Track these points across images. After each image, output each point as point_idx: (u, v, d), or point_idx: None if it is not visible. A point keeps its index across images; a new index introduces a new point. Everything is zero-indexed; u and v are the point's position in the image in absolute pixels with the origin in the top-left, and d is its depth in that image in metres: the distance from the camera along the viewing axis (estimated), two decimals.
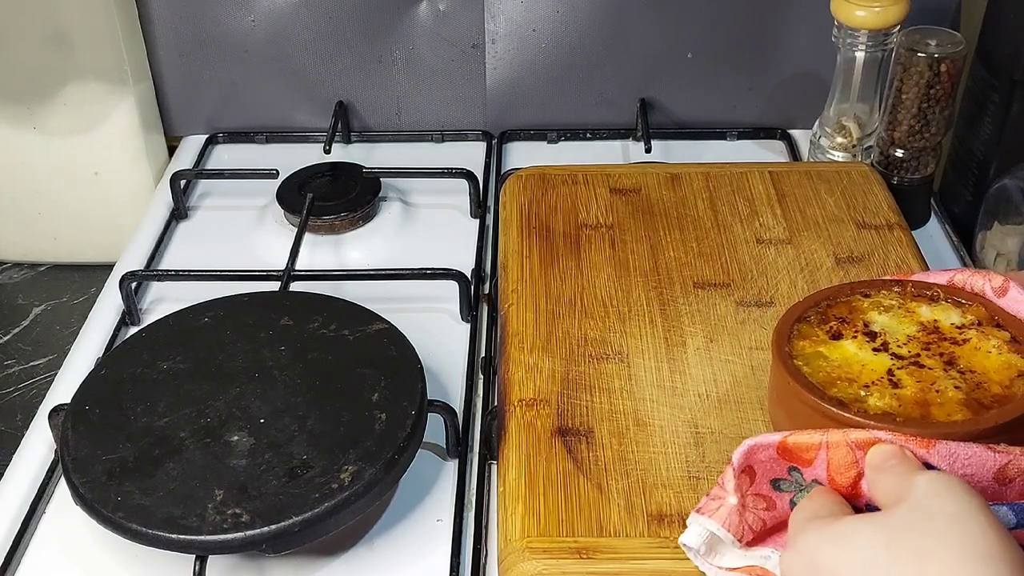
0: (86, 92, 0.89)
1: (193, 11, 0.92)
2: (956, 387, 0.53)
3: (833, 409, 0.52)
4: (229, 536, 0.55)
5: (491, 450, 0.66)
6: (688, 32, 0.93)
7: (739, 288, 0.71)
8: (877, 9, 0.78)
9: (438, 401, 0.64)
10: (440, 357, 0.72)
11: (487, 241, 0.85)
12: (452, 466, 0.65)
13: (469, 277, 0.77)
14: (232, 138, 0.99)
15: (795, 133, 0.96)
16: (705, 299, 0.71)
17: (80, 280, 0.93)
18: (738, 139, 0.97)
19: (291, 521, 0.55)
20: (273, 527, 0.55)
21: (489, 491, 0.64)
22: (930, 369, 0.54)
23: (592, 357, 0.66)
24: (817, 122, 0.88)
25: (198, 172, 0.93)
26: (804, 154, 0.93)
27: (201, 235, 0.88)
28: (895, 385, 0.54)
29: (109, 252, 0.88)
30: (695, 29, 0.92)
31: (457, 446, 0.65)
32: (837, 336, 0.57)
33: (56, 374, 0.75)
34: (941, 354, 0.55)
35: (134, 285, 0.78)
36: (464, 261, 0.80)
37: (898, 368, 0.55)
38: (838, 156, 0.86)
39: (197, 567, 0.55)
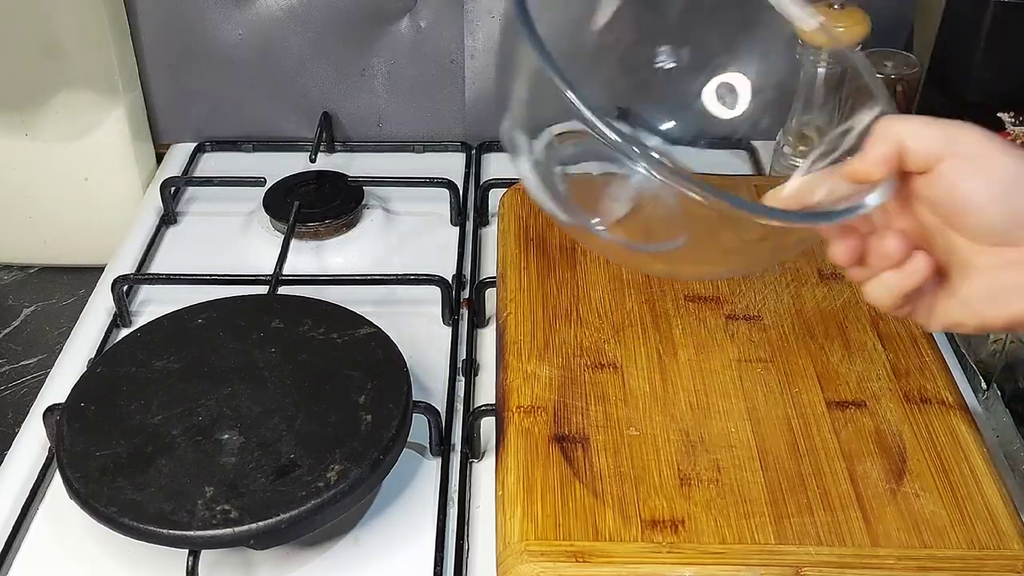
0: (77, 101, 0.89)
1: (182, 24, 0.93)
2: None
3: None
4: (218, 532, 0.55)
5: (472, 449, 0.67)
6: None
7: (728, 302, 0.73)
8: (839, 29, 0.81)
9: (422, 402, 0.65)
10: (422, 359, 0.73)
11: (467, 248, 0.86)
12: (435, 464, 0.66)
13: (450, 282, 0.79)
14: (219, 147, 0.99)
15: (757, 144, 0.97)
16: (696, 312, 0.72)
17: (69, 282, 0.93)
18: (707, 148, 0.98)
19: (278, 518, 0.56)
20: (261, 523, 0.56)
21: (470, 488, 0.65)
22: None
23: (588, 366, 0.67)
24: (781, 131, 0.90)
25: (188, 179, 0.93)
26: (767, 163, 0.95)
27: (190, 240, 0.88)
28: None
29: (98, 255, 0.89)
30: None
31: (440, 445, 0.66)
32: None
33: (46, 373, 0.75)
34: None
35: (125, 288, 0.79)
36: (443, 267, 0.81)
37: None
38: (800, 162, 0.89)
39: (190, 562, 0.56)
